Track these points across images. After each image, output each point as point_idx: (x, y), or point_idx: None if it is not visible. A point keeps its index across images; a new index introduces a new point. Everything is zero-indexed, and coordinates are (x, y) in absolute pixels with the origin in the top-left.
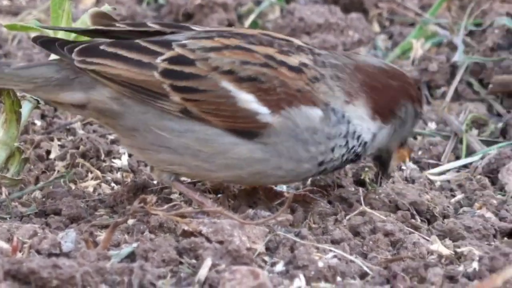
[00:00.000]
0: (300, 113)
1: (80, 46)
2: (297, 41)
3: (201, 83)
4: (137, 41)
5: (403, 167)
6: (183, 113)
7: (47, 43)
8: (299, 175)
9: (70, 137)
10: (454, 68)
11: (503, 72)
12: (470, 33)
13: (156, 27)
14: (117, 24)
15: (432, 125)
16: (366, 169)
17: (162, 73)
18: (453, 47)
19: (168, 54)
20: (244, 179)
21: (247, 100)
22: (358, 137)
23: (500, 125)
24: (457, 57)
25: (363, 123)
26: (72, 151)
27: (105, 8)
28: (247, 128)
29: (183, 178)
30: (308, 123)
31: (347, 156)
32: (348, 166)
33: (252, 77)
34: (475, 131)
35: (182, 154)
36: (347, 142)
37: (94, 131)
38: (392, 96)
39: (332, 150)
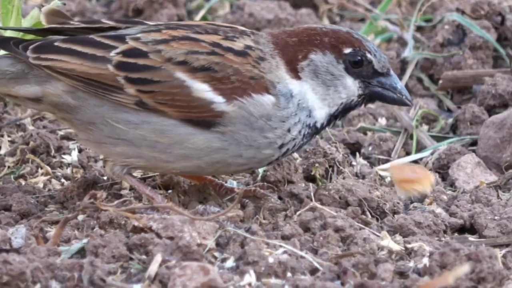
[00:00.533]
0: (253, 102)
1: (35, 44)
2: (240, 28)
3: (155, 75)
4: (91, 36)
5: (354, 163)
6: (139, 105)
7: (1, 42)
8: (261, 161)
9: (20, 133)
10: (404, 63)
11: (453, 68)
12: (420, 29)
13: (111, 23)
14: (71, 22)
15: (382, 121)
16: (317, 164)
17: (116, 66)
18: (403, 43)
19: (122, 47)
20: (204, 169)
21: (202, 89)
22: (304, 107)
23: (450, 120)
24: (407, 52)
25: (290, 85)
26: (22, 147)
27: (55, 3)
28: (203, 118)
29: (135, 174)
30: (262, 111)
31: (305, 131)
32: (298, 162)
33: (205, 66)
34: (425, 127)
35: (139, 146)
36: (299, 117)
37: (44, 127)
38: (292, 51)
39: (289, 130)
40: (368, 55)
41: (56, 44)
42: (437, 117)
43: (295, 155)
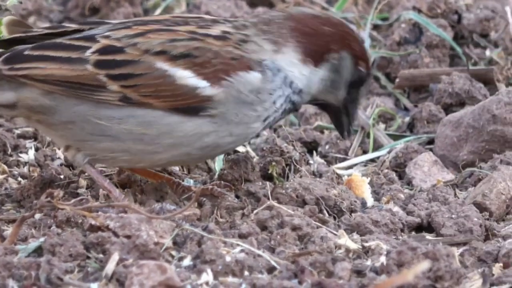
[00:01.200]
0: (240, 79)
1: (4, 56)
2: (208, 16)
3: (136, 68)
4: (59, 40)
5: (311, 162)
6: (123, 100)
7: None
8: (247, 136)
9: None
10: None
11: (410, 66)
12: (377, 27)
13: (74, 26)
14: (34, 29)
15: None
16: (274, 163)
17: (95, 65)
18: None
19: (95, 46)
20: (192, 156)
21: (184, 76)
22: (291, 83)
23: (407, 119)
24: None
25: (294, 68)
26: None
27: (11, 2)
28: (188, 104)
29: (98, 165)
30: (250, 86)
31: (285, 106)
32: (255, 160)
33: (184, 53)
34: (382, 125)
35: (124, 140)
36: (283, 91)
37: (1, 126)
38: (323, 40)
39: (274, 102)
40: (366, 83)
41: (26, 53)
42: (394, 116)
43: (252, 153)
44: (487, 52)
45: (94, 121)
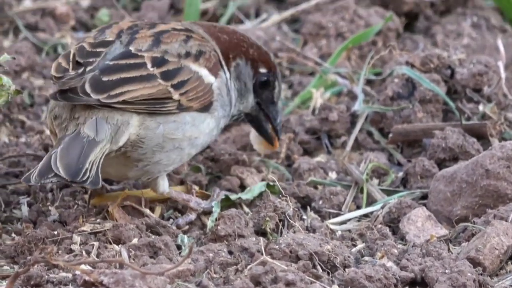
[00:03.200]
0: (221, 79)
1: (89, 87)
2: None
3: (184, 74)
4: (112, 62)
5: (304, 217)
6: (178, 108)
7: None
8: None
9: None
10: (354, 117)
11: (403, 121)
12: (370, 82)
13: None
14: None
15: (332, 175)
16: (267, 218)
17: (162, 78)
18: (353, 97)
19: (147, 61)
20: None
21: (206, 74)
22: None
23: (400, 174)
24: (357, 106)
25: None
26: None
27: (4, 57)
28: (209, 101)
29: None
30: (225, 89)
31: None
32: (249, 216)
33: (198, 51)
34: (375, 181)
35: (184, 148)
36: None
37: None
38: (225, 47)
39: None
40: (276, 83)
41: (104, 79)
42: (388, 171)
43: (246, 209)
44: (480, 107)
45: (168, 138)
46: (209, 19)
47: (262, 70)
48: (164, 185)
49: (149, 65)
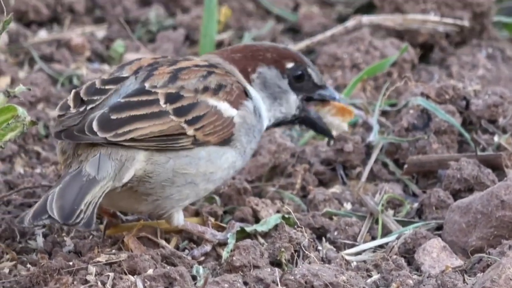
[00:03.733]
0: (246, 108)
1: (96, 125)
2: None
3: (200, 109)
4: (124, 100)
5: (319, 248)
6: (193, 143)
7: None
8: (246, 161)
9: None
10: (369, 148)
11: (418, 152)
12: (385, 113)
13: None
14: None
15: (347, 206)
16: (282, 249)
17: (175, 114)
18: (368, 127)
19: (160, 97)
20: (218, 187)
21: (226, 108)
22: (260, 108)
23: (415, 205)
24: (372, 137)
25: (254, 93)
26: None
27: (19, 89)
28: (229, 135)
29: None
30: (250, 116)
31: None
32: (264, 247)
33: (218, 85)
34: (391, 211)
35: (198, 183)
36: (257, 115)
37: (9, 212)
38: (242, 64)
39: (260, 131)
40: (309, 69)
41: (114, 117)
42: (403, 202)
43: (261, 240)
44: (495, 138)
45: (180, 172)
46: None
47: (289, 65)
48: (178, 219)
49: (161, 102)
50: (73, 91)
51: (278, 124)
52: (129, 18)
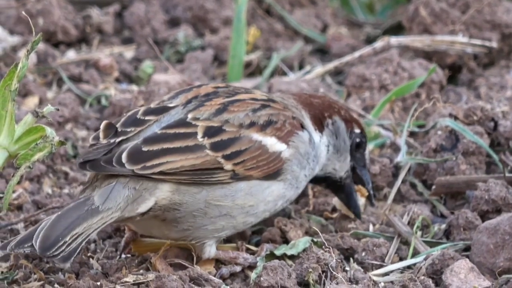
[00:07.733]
0: (300, 138)
1: (126, 157)
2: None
3: (241, 144)
4: (160, 131)
5: (347, 268)
6: (232, 177)
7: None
8: (294, 197)
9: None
10: (397, 169)
11: (446, 173)
12: (413, 134)
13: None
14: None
15: (375, 226)
16: (310, 270)
17: (212, 148)
18: (396, 148)
19: (199, 130)
20: (261, 220)
21: (273, 143)
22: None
23: (443, 226)
24: (400, 158)
25: (313, 133)
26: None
27: (48, 109)
28: (275, 170)
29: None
30: (304, 147)
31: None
32: (292, 267)
33: (268, 121)
34: (419, 232)
35: (235, 216)
36: (313, 152)
37: None
38: (318, 109)
39: (312, 169)
40: (366, 145)
41: (145, 149)
42: (430, 223)
43: (289, 261)
44: None
45: (213, 204)
46: (253, 71)
47: (356, 130)
48: (210, 252)
49: (199, 135)
50: (105, 121)
51: (322, 179)
52: (158, 38)
